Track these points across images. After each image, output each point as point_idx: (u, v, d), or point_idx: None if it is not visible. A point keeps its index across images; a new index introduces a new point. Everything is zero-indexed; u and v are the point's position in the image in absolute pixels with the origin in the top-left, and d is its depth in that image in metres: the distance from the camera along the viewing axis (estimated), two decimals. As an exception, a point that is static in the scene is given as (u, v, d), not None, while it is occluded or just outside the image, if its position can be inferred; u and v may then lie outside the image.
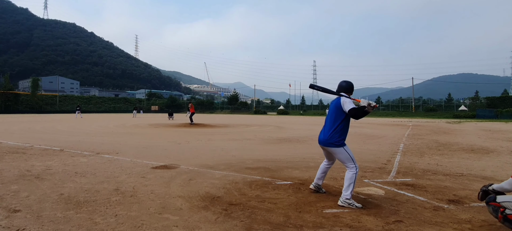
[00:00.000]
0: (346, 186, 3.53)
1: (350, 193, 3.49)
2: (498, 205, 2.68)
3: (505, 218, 2.62)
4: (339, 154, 3.64)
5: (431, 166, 6.13)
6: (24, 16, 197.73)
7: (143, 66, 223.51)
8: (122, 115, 46.05)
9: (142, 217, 3.07)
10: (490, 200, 2.77)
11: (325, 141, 3.70)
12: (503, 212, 2.63)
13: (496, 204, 2.70)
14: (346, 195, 3.49)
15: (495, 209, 2.71)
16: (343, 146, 3.62)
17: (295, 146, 9.40)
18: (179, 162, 6.18)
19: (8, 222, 2.92)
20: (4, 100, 54.64)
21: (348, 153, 3.62)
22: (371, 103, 3.35)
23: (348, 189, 3.50)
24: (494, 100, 46.51)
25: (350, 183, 3.51)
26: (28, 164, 5.79)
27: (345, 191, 3.52)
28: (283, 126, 20.88)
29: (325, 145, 3.72)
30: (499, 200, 2.70)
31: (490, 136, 13.29)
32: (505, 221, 2.63)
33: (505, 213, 2.62)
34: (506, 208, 2.63)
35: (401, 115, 49.59)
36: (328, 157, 3.94)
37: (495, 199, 2.73)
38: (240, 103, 79.38)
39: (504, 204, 2.65)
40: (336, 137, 3.61)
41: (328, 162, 3.99)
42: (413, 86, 63.66)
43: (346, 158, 3.62)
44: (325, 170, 4.00)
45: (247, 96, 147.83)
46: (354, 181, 3.52)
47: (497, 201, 2.70)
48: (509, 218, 2.59)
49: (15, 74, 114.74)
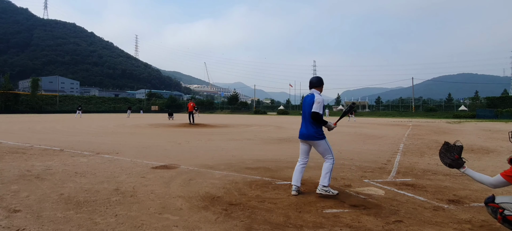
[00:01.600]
0: (323, 174, 3.81)
1: (328, 181, 3.79)
2: (497, 206, 2.67)
3: (504, 219, 2.61)
4: (320, 146, 3.89)
5: (431, 166, 6.13)
6: (24, 16, 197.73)
7: (143, 66, 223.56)
8: (119, 115, 46.07)
9: (142, 217, 3.07)
10: (489, 201, 2.76)
11: (308, 135, 3.90)
12: (501, 213, 2.62)
13: (494, 205, 2.69)
14: (324, 183, 3.76)
15: (494, 210, 2.70)
16: (324, 139, 3.88)
17: (295, 146, 9.40)
18: (179, 162, 6.18)
19: (8, 222, 2.92)
20: (4, 100, 54.62)
21: (328, 145, 3.93)
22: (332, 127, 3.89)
23: (325, 177, 3.78)
24: (494, 100, 46.51)
25: (327, 172, 3.80)
26: (28, 164, 5.79)
27: (323, 179, 3.79)
28: (283, 126, 20.88)
29: (308, 139, 3.93)
30: (497, 201, 2.69)
31: (490, 136, 13.29)
32: (504, 222, 2.63)
33: (504, 214, 2.61)
34: (505, 208, 2.62)
35: (401, 115, 49.58)
36: (305, 153, 4.08)
37: (493, 199, 2.72)
38: (240, 103, 79.38)
39: (503, 205, 2.65)
40: (318, 131, 3.87)
41: (303, 162, 4.08)
42: (413, 86, 63.66)
43: (325, 150, 3.90)
44: (302, 171, 4.06)
45: (247, 96, 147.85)
46: (330, 170, 3.84)
47: (496, 201, 2.69)
48: (509, 219, 2.58)
49: (15, 74, 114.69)
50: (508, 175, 2.54)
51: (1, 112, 49.55)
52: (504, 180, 2.55)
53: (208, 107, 79.17)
